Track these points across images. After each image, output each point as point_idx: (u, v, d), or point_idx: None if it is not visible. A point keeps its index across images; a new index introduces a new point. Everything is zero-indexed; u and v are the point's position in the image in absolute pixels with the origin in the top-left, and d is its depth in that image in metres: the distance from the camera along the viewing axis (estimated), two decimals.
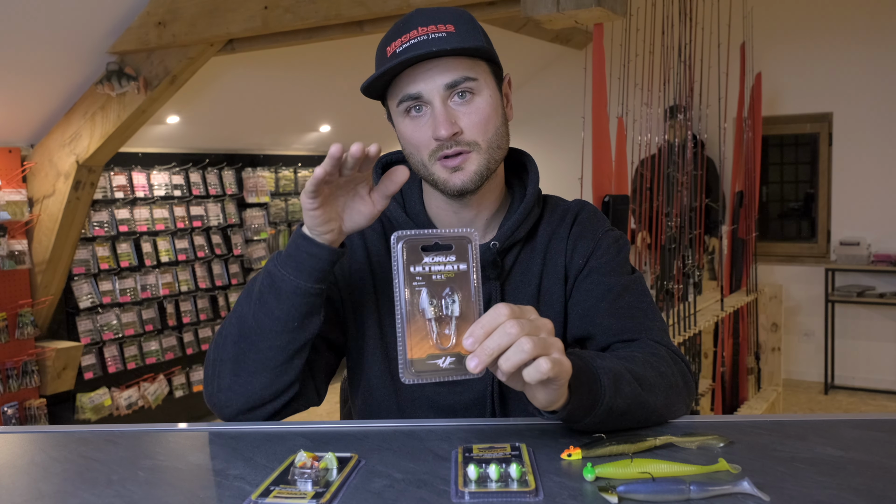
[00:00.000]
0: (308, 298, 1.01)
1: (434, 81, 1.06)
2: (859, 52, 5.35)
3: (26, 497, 0.83)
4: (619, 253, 1.22)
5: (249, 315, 1.04)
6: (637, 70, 3.78)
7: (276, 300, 1.01)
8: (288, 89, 4.90)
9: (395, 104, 1.09)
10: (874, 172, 5.38)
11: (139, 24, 3.49)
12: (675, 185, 3.75)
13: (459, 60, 1.06)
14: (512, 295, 1.18)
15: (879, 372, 5.45)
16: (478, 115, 1.08)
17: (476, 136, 1.08)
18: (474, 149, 1.08)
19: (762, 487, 0.80)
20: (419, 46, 1.04)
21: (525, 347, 0.79)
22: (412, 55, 1.03)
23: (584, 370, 0.94)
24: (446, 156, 1.08)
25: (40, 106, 3.79)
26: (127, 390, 4.55)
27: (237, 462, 0.92)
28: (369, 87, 1.09)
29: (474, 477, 0.82)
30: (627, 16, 3.01)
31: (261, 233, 5.37)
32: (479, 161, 1.09)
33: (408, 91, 1.07)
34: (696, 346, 3.78)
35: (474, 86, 1.08)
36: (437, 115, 1.06)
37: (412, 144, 1.10)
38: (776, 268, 5.70)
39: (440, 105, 1.06)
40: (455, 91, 1.07)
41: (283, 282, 1.00)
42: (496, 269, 1.16)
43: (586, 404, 0.93)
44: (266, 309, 1.02)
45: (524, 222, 1.17)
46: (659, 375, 1.04)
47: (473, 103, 1.08)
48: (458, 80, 1.06)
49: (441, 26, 1.06)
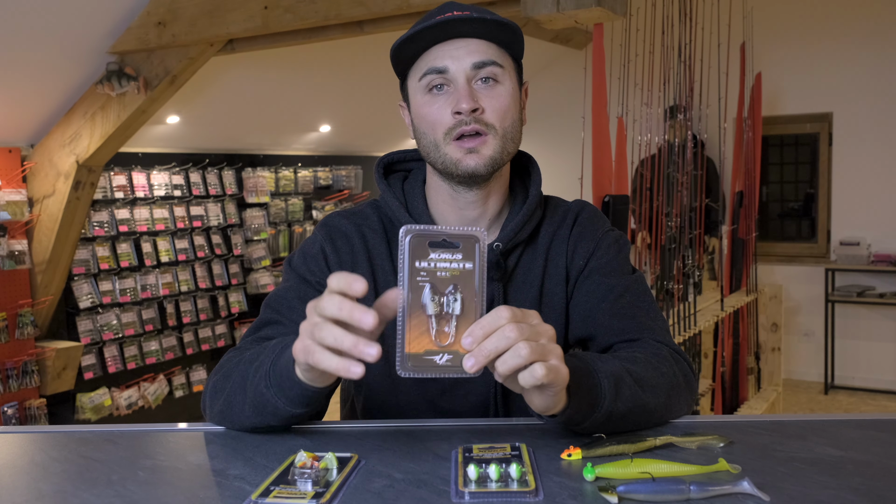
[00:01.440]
0: (309, 410, 0.97)
1: (462, 59, 1.06)
2: (859, 52, 5.35)
3: (26, 497, 0.83)
4: (620, 253, 1.21)
5: (246, 403, 1.00)
6: (637, 70, 3.78)
7: (272, 417, 0.98)
8: (288, 89, 4.90)
9: (418, 78, 1.09)
10: (874, 172, 5.39)
11: (139, 24, 3.50)
12: (675, 185, 3.75)
13: (490, 45, 1.07)
14: (514, 296, 1.18)
15: (879, 372, 5.45)
16: (499, 101, 1.08)
17: (495, 120, 1.08)
18: (491, 132, 1.08)
19: (762, 487, 0.80)
20: (449, 23, 1.05)
21: (522, 352, 0.79)
22: (451, 17, 1.04)
23: (584, 373, 0.93)
24: (462, 134, 1.07)
25: (40, 106, 3.79)
26: (127, 390, 4.55)
27: (237, 462, 0.92)
28: (399, 54, 1.09)
29: (474, 477, 0.82)
30: (627, 16, 3.01)
31: (261, 233, 5.37)
32: (494, 146, 1.09)
33: (434, 64, 1.07)
34: (696, 346, 3.78)
35: (499, 73, 1.08)
36: (461, 89, 1.06)
37: (428, 122, 1.10)
38: (776, 268, 5.70)
39: (464, 82, 1.07)
40: (481, 73, 1.07)
41: (277, 408, 0.96)
42: (499, 271, 1.16)
43: (585, 408, 0.93)
44: (263, 412, 0.98)
45: (527, 224, 1.17)
46: (660, 376, 1.04)
47: (496, 89, 1.09)
48: (487, 61, 1.07)
49: (466, 13, 1.07)
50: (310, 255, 1.18)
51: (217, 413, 1.05)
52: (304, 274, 1.16)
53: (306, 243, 1.21)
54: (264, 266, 5.36)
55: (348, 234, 1.18)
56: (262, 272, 5.36)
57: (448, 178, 1.12)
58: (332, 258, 1.17)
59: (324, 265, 1.17)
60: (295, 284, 1.16)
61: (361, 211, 1.22)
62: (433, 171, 1.16)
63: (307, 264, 1.17)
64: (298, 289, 1.15)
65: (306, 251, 1.19)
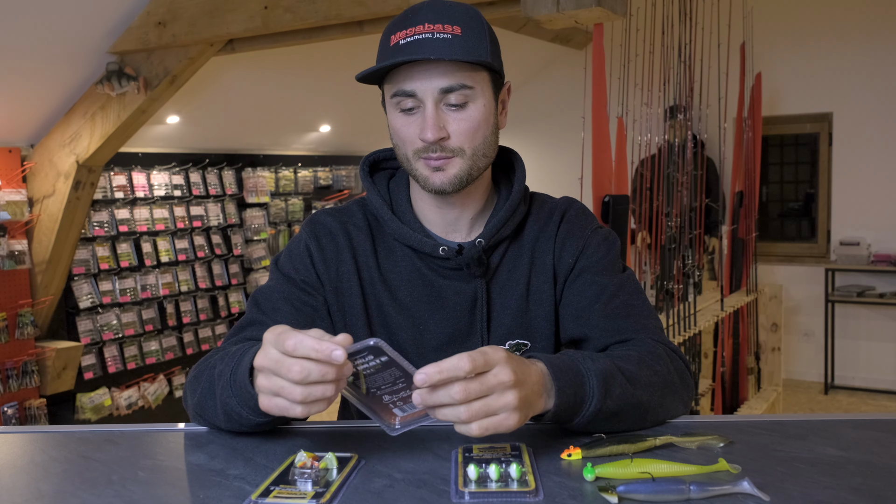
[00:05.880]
0: (274, 418, 0.96)
1: (430, 83, 1.05)
2: (859, 52, 5.35)
3: (26, 497, 0.83)
4: (610, 251, 1.21)
5: (217, 409, 1.00)
6: (637, 70, 3.78)
7: (240, 425, 0.99)
8: (288, 89, 4.90)
9: (390, 95, 1.10)
10: (874, 172, 5.38)
11: (139, 24, 3.49)
12: (675, 185, 3.75)
13: (459, 65, 1.06)
14: (498, 293, 1.18)
15: (879, 372, 5.45)
16: (467, 124, 1.08)
17: (462, 144, 1.08)
18: (458, 154, 1.09)
19: (762, 487, 0.80)
20: (422, 45, 1.04)
21: (461, 416, 0.83)
22: (411, 58, 1.03)
23: (572, 371, 0.94)
24: (428, 157, 1.09)
25: (40, 106, 3.79)
26: (127, 390, 4.55)
27: (237, 462, 0.92)
28: (366, 79, 1.10)
29: (474, 477, 0.82)
30: (627, 16, 3.00)
31: (261, 233, 5.37)
32: (460, 166, 1.09)
33: (403, 87, 1.07)
34: (696, 346, 3.78)
35: (469, 94, 1.07)
36: (428, 117, 1.06)
37: (399, 138, 1.11)
38: (776, 268, 5.70)
39: (431, 107, 1.06)
40: (449, 98, 1.06)
41: (241, 416, 0.96)
42: (481, 267, 1.16)
43: (572, 406, 0.93)
44: (231, 419, 0.99)
45: (510, 220, 1.17)
46: (654, 374, 1.04)
47: (465, 111, 1.08)
48: (455, 86, 1.06)
49: (448, 26, 1.05)
50: (295, 254, 1.19)
51: (193, 413, 1.07)
52: (289, 273, 1.18)
53: (292, 242, 1.22)
54: (264, 266, 5.36)
55: (333, 231, 1.19)
56: (262, 272, 5.35)
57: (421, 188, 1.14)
58: (316, 256, 1.18)
59: (308, 263, 1.18)
60: (279, 284, 1.17)
61: (347, 208, 1.23)
62: None
63: (292, 262, 1.19)
64: (283, 289, 1.16)
65: (292, 250, 1.21)
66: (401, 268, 1.17)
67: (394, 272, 1.17)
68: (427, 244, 1.14)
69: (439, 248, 1.14)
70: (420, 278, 1.17)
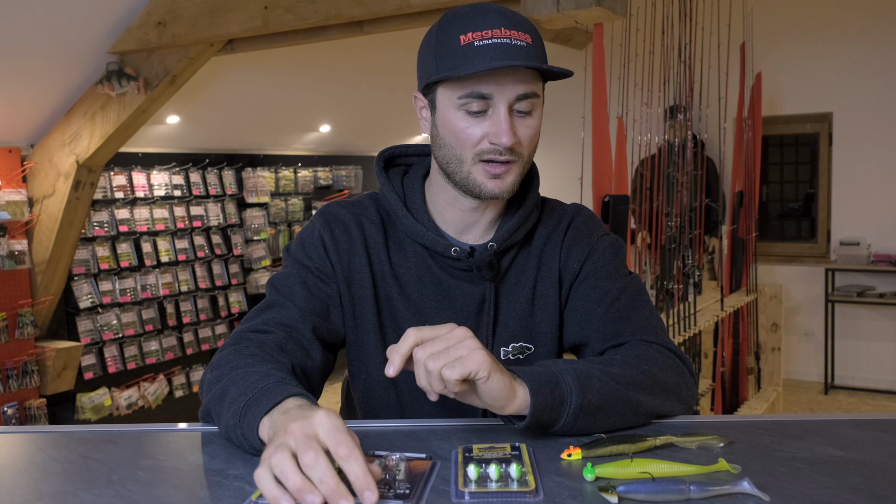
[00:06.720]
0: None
1: (509, 88, 1.05)
2: (859, 52, 5.35)
3: (26, 497, 0.83)
4: (615, 257, 1.22)
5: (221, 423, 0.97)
6: (637, 70, 3.78)
7: (242, 449, 0.95)
8: (288, 89, 4.90)
9: (456, 95, 1.07)
10: (874, 172, 5.39)
11: (139, 24, 3.49)
12: (675, 185, 3.75)
13: (533, 73, 1.07)
14: (506, 297, 1.19)
15: (879, 372, 5.45)
16: (532, 131, 1.10)
17: (525, 150, 1.10)
18: (518, 159, 1.10)
19: (762, 487, 0.80)
20: (506, 50, 1.03)
21: (429, 367, 0.86)
22: (502, 64, 1.01)
23: (544, 375, 0.94)
24: (492, 160, 1.08)
25: (40, 106, 3.79)
26: (127, 390, 4.55)
27: (237, 462, 0.92)
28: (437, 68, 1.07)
29: (474, 477, 0.82)
30: (627, 16, 3.00)
31: (261, 233, 5.37)
32: (517, 172, 1.11)
33: (479, 89, 1.05)
34: (696, 346, 3.79)
35: (535, 102, 1.09)
36: (503, 122, 1.05)
37: (459, 139, 1.09)
38: (776, 268, 5.70)
39: (506, 113, 1.06)
40: (521, 105, 1.07)
41: (243, 446, 0.92)
42: (492, 271, 1.17)
43: (552, 406, 0.93)
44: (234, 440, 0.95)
45: (522, 226, 1.18)
46: (641, 373, 1.04)
47: (531, 118, 1.09)
48: (529, 93, 1.07)
49: (522, 34, 1.06)
50: (308, 243, 1.19)
51: (201, 414, 1.05)
52: (303, 260, 1.18)
53: (304, 231, 1.22)
54: (264, 266, 5.36)
55: (346, 222, 1.19)
56: (262, 272, 5.35)
57: (462, 190, 1.13)
58: (329, 246, 1.18)
59: (322, 252, 1.18)
60: (295, 270, 1.17)
61: (360, 202, 1.23)
62: (440, 172, 1.16)
63: (305, 251, 1.19)
64: (299, 273, 1.17)
65: (304, 238, 1.21)
66: (411, 264, 1.18)
67: (404, 267, 1.18)
68: (439, 243, 1.15)
69: (451, 248, 1.15)
70: (430, 276, 1.17)
